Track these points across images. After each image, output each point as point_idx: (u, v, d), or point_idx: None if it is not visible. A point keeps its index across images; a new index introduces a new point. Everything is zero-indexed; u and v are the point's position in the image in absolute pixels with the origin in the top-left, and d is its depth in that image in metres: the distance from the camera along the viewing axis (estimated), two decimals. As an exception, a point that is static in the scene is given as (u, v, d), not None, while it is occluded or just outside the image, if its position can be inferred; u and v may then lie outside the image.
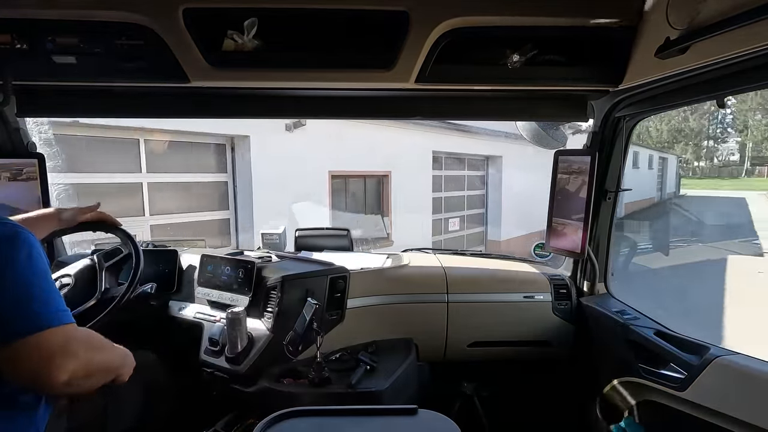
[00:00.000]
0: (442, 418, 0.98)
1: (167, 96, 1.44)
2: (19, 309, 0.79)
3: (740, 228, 12.10)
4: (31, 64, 1.18)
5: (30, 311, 0.79)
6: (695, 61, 1.01)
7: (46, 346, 0.80)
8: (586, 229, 1.53)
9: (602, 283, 1.76)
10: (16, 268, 0.80)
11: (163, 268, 1.68)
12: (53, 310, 0.82)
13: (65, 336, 0.83)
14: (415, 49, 1.15)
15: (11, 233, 0.81)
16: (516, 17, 1.10)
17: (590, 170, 1.51)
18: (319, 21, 1.12)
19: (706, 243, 10.32)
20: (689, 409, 1.17)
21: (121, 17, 1.09)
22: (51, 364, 0.79)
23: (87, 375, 0.86)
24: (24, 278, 0.80)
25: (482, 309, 1.75)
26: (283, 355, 1.45)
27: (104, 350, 0.94)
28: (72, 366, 0.81)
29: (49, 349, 0.80)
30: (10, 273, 0.79)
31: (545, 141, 1.73)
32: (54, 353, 0.80)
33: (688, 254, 9.39)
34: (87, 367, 0.85)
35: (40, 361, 0.79)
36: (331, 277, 1.57)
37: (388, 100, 1.49)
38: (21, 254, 0.81)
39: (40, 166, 1.60)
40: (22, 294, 0.79)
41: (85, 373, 0.85)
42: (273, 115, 1.64)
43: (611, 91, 1.39)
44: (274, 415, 0.94)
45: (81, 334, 0.88)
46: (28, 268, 0.82)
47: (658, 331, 1.37)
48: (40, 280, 0.83)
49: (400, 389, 1.46)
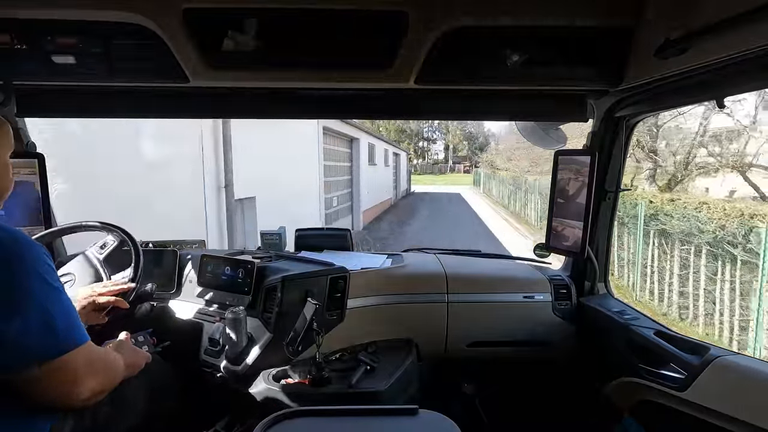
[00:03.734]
0: (442, 418, 0.98)
1: (167, 96, 1.44)
2: (45, 332, 0.79)
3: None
4: (31, 64, 1.18)
5: (55, 333, 0.80)
6: (695, 61, 1.01)
7: (72, 367, 0.81)
8: (586, 229, 1.53)
9: (602, 283, 1.76)
10: (40, 290, 0.80)
11: (163, 268, 1.68)
12: (75, 330, 0.84)
13: (87, 355, 0.85)
14: (415, 49, 1.15)
15: (29, 246, 0.81)
16: (516, 17, 1.10)
17: (590, 170, 1.51)
18: (319, 21, 1.12)
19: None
20: (689, 409, 1.17)
21: (121, 17, 1.09)
22: (75, 384, 0.82)
23: (103, 390, 0.89)
24: (47, 300, 0.80)
25: (482, 309, 1.75)
26: (283, 355, 1.45)
27: (116, 362, 0.97)
28: (93, 384, 0.84)
29: (75, 370, 0.82)
30: (35, 297, 0.79)
31: (545, 141, 1.73)
32: (78, 374, 0.82)
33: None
34: (104, 384, 0.88)
35: (66, 383, 0.81)
36: (331, 277, 1.57)
37: (387, 100, 1.49)
38: (44, 274, 0.81)
39: (40, 166, 1.60)
40: (47, 317, 0.79)
41: (102, 388, 0.88)
42: (273, 115, 1.64)
43: (611, 91, 1.39)
44: (274, 416, 0.94)
45: (99, 352, 0.91)
46: (51, 288, 0.82)
47: (658, 331, 1.37)
48: (60, 296, 0.83)
49: (400, 389, 1.46)
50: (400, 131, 48.16)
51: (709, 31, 0.88)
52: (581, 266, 1.77)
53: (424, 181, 39.12)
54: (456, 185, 35.44)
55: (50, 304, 0.80)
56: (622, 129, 1.55)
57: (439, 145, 59.70)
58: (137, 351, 1.16)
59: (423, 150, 58.21)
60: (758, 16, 0.78)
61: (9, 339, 0.74)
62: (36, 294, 0.79)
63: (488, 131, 51.88)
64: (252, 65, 1.20)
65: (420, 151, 57.48)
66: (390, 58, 1.18)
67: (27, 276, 0.78)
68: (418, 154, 56.81)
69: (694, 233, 5.77)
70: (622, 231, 7.34)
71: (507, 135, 24.42)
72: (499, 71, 1.22)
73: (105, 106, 1.48)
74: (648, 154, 11.22)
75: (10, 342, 0.74)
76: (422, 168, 55.26)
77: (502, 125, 28.04)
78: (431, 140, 58.67)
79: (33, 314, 0.77)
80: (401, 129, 48.07)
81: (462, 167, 54.44)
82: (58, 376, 0.80)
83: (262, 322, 1.46)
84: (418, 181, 38.43)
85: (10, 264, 0.76)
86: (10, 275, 0.76)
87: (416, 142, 55.40)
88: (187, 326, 1.57)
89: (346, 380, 1.41)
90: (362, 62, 1.22)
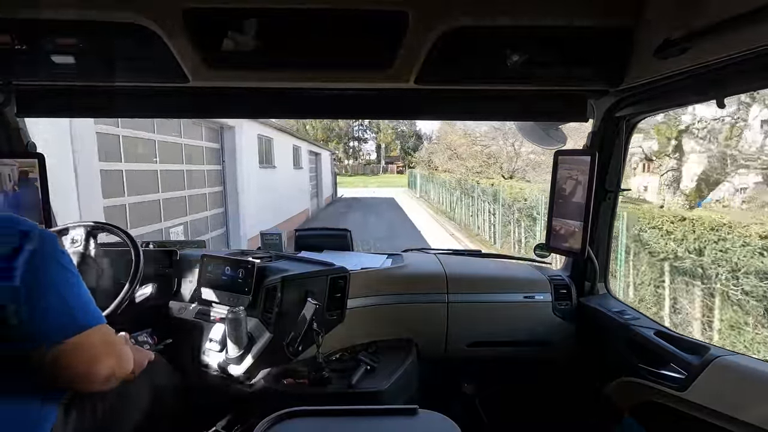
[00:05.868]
0: (442, 418, 0.98)
1: (167, 96, 1.45)
2: (64, 313, 0.83)
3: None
4: (31, 64, 1.18)
5: (73, 314, 0.84)
6: (695, 61, 1.01)
7: (90, 345, 0.84)
8: (586, 229, 1.53)
9: (602, 283, 1.76)
10: (58, 274, 0.84)
11: (163, 268, 1.68)
12: (92, 310, 0.88)
13: (104, 335, 0.88)
14: (415, 49, 1.15)
15: (50, 237, 0.85)
16: (516, 17, 1.10)
17: (590, 170, 1.51)
18: (319, 21, 1.12)
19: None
20: (689, 409, 1.17)
21: (120, 17, 1.09)
22: (95, 361, 0.85)
23: (117, 374, 0.91)
24: (66, 284, 0.85)
25: (482, 309, 1.75)
26: (283, 355, 1.45)
27: (128, 349, 1.00)
28: (112, 362, 0.87)
29: (93, 347, 0.85)
30: (55, 281, 0.83)
31: (545, 141, 1.73)
32: (98, 351, 0.85)
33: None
34: (120, 366, 0.91)
35: (84, 362, 0.84)
36: (331, 277, 1.57)
37: (387, 100, 1.49)
38: (63, 257, 0.86)
39: (40, 166, 1.60)
40: (66, 299, 0.83)
41: (117, 371, 0.90)
42: (273, 115, 1.64)
43: (611, 91, 1.39)
44: (275, 416, 0.94)
45: (114, 334, 0.94)
46: (68, 272, 0.86)
47: (658, 331, 1.37)
48: (77, 280, 0.87)
49: (400, 389, 1.46)
50: (327, 129, 45.59)
51: (709, 31, 0.88)
52: (581, 266, 1.77)
53: (355, 184, 36.64)
54: (389, 187, 32.85)
55: (68, 288, 0.85)
56: (623, 129, 1.55)
57: (370, 145, 56.34)
58: (139, 350, 1.17)
59: (354, 150, 55.11)
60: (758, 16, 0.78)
61: (31, 320, 0.78)
62: (56, 279, 0.83)
63: (419, 129, 49.20)
64: (252, 65, 1.20)
65: (351, 151, 54.50)
66: (390, 58, 1.18)
67: (48, 262, 0.82)
68: (349, 154, 54.00)
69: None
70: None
71: (447, 126, 19.92)
72: (499, 71, 1.22)
73: (105, 106, 1.48)
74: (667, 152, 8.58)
75: (32, 323, 0.78)
76: (354, 169, 52.30)
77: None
78: (362, 139, 55.52)
79: (53, 297, 0.81)
80: (329, 127, 45.58)
81: (395, 167, 51.98)
82: (77, 355, 0.83)
83: (262, 322, 1.46)
84: (348, 183, 36.05)
85: (35, 252, 0.80)
86: (43, 260, 0.81)
87: (346, 142, 52.58)
88: (187, 326, 1.57)
89: (346, 380, 1.41)
90: (362, 62, 1.22)
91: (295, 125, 18.23)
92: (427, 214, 17.17)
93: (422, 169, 26.11)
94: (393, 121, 46.61)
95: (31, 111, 1.52)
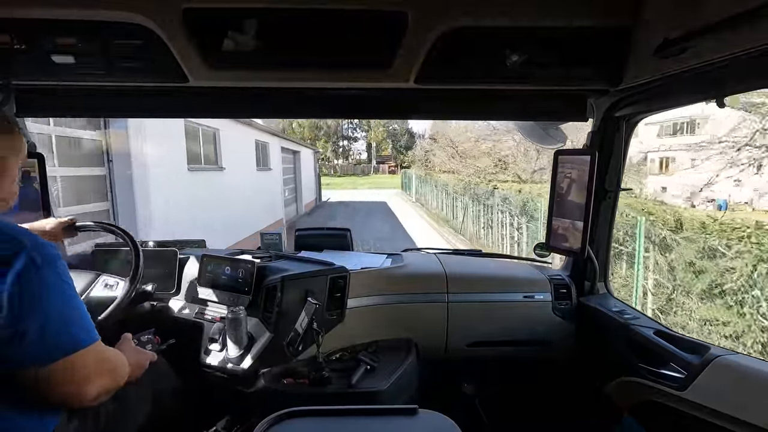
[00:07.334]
0: (442, 418, 0.98)
1: (167, 96, 1.45)
2: (61, 330, 0.80)
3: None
4: (31, 64, 1.18)
5: (69, 331, 0.81)
6: (694, 61, 1.01)
7: (82, 366, 0.82)
8: (586, 228, 1.53)
9: (602, 283, 1.76)
10: (57, 289, 0.81)
11: (163, 268, 1.68)
12: (87, 328, 0.85)
13: (97, 354, 0.86)
14: (415, 49, 1.15)
15: (51, 254, 0.82)
16: (515, 18, 1.10)
17: (590, 170, 1.51)
18: (318, 21, 1.12)
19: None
20: (689, 409, 1.17)
21: (120, 17, 1.09)
22: (85, 382, 0.82)
23: (109, 390, 0.89)
24: (64, 299, 0.82)
25: (482, 309, 1.75)
26: (283, 355, 1.45)
27: (123, 363, 0.97)
28: (102, 382, 0.85)
29: (86, 368, 0.83)
30: (54, 296, 0.80)
31: (545, 140, 1.73)
32: (89, 372, 0.83)
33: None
34: (111, 384, 0.89)
35: (75, 381, 0.82)
36: (331, 277, 1.57)
37: (387, 100, 1.49)
38: (61, 274, 0.82)
39: (40, 166, 1.60)
40: (64, 315, 0.81)
41: (108, 388, 0.89)
42: (273, 114, 1.64)
43: (611, 91, 1.39)
44: (275, 416, 0.94)
45: (108, 351, 0.91)
46: (67, 286, 0.83)
47: (658, 331, 1.37)
48: (74, 294, 0.85)
49: (400, 389, 1.46)
50: (315, 128, 42.98)
51: (708, 30, 0.88)
52: (581, 266, 1.77)
53: (344, 185, 33.46)
54: (381, 189, 29.94)
55: (66, 302, 0.82)
56: (622, 128, 1.55)
57: (361, 144, 53.38)
58: (141, 351, 1.17)
59: (345, 149, 52.36)
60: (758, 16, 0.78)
61: (29, 336, 0.76)
62: (55, 293, 0.80)
63: (411, 127, 46.56)
64: (251, 65, 1.20)
65: (341, 150, 51.87)
66: (390, 58, 1.18)
67: (47, 275, 0.80)
68: (339, 153, 51.60)
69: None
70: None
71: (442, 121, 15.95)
72: (498, 71, 1.22)
73: (105, 105, 1.48)
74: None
75: (29, 339, 0.76)
76: (344, 169, 49.43)
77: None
78: (352, 138, 52.71)
79: (52, 312, 0.79)
80: (316, 125, 43.01)
81: (387, 167, 49.48)
82: (69, 375, 0.81)
83: (262, 321, 1.46)
84: (337, 185, 33.23)
85: (34, 265, 0.78)
86: (35, 275, 0.78)
87: (335, 141, 49.95)
88: (187, 326, 1.57)
89: (346, 380, 1.41)
90: (362, 62, 1.22)
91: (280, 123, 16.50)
92: (427, 225, 14.49)
93: (418, 169, 22.97)
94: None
95: (31, 111, 1.51)
